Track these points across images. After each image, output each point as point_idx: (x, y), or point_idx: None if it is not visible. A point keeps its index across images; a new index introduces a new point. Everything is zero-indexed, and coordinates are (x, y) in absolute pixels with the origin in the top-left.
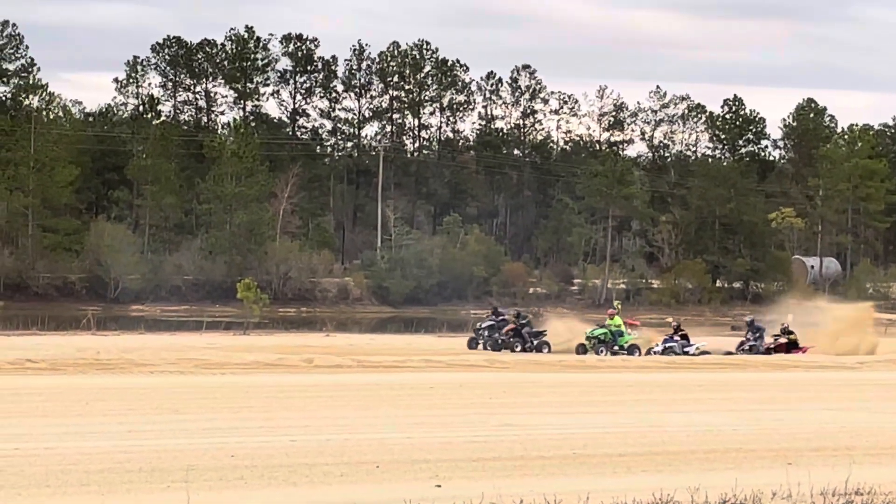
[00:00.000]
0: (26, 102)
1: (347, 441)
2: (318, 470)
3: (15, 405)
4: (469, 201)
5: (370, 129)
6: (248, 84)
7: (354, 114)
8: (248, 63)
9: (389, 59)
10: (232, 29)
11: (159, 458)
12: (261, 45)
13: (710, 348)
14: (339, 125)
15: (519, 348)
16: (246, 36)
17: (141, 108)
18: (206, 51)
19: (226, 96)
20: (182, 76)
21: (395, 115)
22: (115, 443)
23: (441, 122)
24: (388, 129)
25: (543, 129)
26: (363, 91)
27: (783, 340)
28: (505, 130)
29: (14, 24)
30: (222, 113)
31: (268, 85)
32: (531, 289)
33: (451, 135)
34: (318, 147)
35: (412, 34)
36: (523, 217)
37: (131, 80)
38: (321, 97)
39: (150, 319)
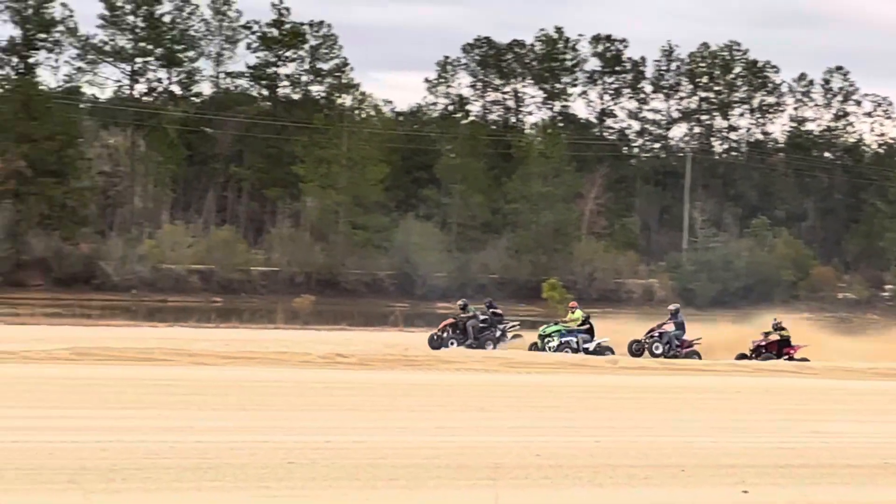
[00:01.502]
0: (339, 101)
1: (652, 443)
2: (623, 472)
3: (326, 399)
4: (777, 204)
5: (678, 130)
6: (557, 84)
7: (662, 115)
8: (557, 63)
9: (699, 59)
10: (541, 29)
11: (466, 454)
12: (570, 45)
13: None
14: (646, 126)
15: (455, 344)
16: (555, 36)
17: (450, 107)
18: (516, 51)
19: (534, 96)
20: (491, 76)
21: (704, 117)
22: (423, 438)
23: (750, 124)
24: (697, 130)
25: (856, 131)
26: (672, 92)
27: (774, 338)
28: (816, 133)
29: (329, 25)
30: (530, 113)
31: (576, 85)
32: (840, 294)
33: (760, 136)
34: (626, 148)
35: (722, 35)
36: (833, 221)
37: (441, 80)
38: (629, 98)
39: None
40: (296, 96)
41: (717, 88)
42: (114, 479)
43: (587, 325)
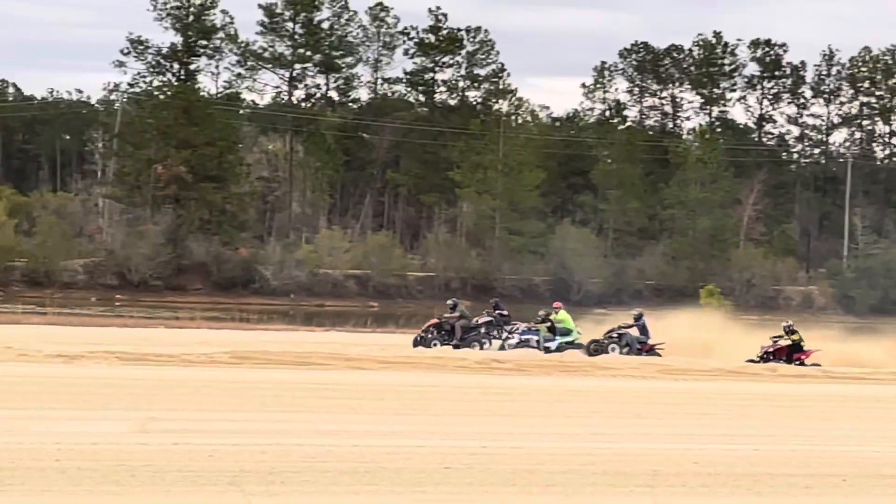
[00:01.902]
0: (496, 107)
1: (811, 452)
2: (782, 480)
3: (482, 404)
4: None
5: (838, 136)
6: (715, 89)
7: (822, 120)
8: (715, 68)
9: (860, 64)
10: (700, 34)
11: (623, 461)
12: (728, 50)
13: None
14: (806, 131)
15: (438, 345)
16: (713, 41)
17: (607, 112)
18: (674, 56)
19: (692, 101)
20: (648, 81)
21: (865, 122)
22: (580, 444)
23: None
24: (857, 135)
25: None
26: (832, 97)
27: (784, 343)
28: None
29: (486, 31)
30: (687, 118)
31: (734, 90)
32: None
33: None
34: (785, 153)
35: (884, 39)
36: None
37: (598, 86)
38: (788, 103)
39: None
40: (453, 102)
41: (878, 93)
42: (273, 482)
43: (548, 324)
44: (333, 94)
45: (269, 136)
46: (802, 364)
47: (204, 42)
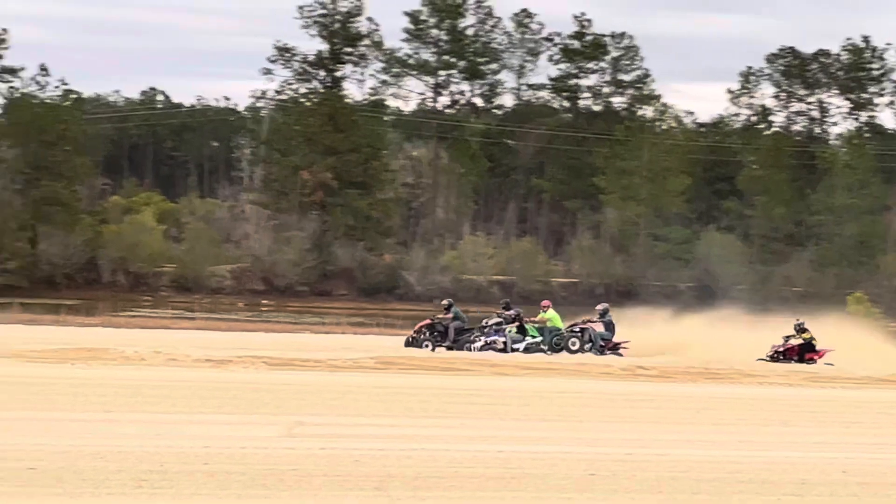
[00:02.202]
0: (640, 113)
1: None
2: None
3: (627, 410)
4: None
5: None
6: (863, 94)
7: None
8: (864, 73)
9: None
10: (848, 39)
11: (770, 469)
12: (877, 54)
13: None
14: None
15: (429, 346)
16: (862, 45)
17: (753, 118)
18: (821, 61)
19: (839, 107)
20: (795, 86)
21: None
22: (726, 452)
23: None
24: None
25: None
26: None
27: (796, 342)
28: None
29: (630, 36)
30: (835, 124)
31: (882, 95)
32: None
33: None
34: None
35: None
36: None
37: (744, 91)
38: None
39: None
40: (597, 108)
41: None
42: (419, 487)
43: (517, 323)
44: (478, 101)
45: (413, 142)
46: (814, 363)
47: (350, 49)
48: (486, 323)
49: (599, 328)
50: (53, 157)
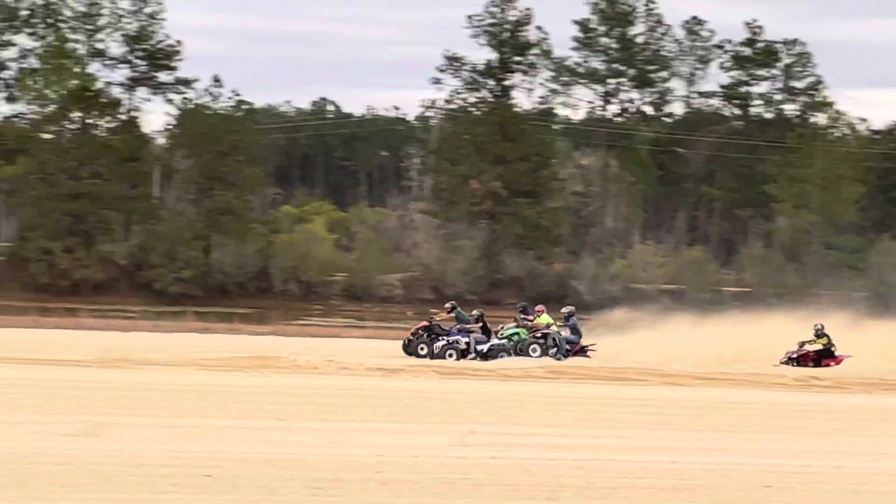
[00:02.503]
0: (813, 120)
1: None
2: None
3: (801, 421)
4: None
5: None
6: None
7: None
8: None
9: None
10: None
11: None
12: None
13: None
14: None
15: (425, 349)
16: None
17: None
18: None
19: None
20: None
21: None
22: None
23: None
24: None
25: None
26: None
27: (814, 347)
28: None
29: (803, 43)
30: None
31: None
32: None
33: None
34: None
35: None
36: None
37: None
38: None
39: None
40: (768, 115)
41: None
42: (590, 498)
43: (481, 324)
44: (647, 109)
45: (582, 150)
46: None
47: (519, 58)
48: (503, 328)
49: (566, 332)
50: (226, 167)
